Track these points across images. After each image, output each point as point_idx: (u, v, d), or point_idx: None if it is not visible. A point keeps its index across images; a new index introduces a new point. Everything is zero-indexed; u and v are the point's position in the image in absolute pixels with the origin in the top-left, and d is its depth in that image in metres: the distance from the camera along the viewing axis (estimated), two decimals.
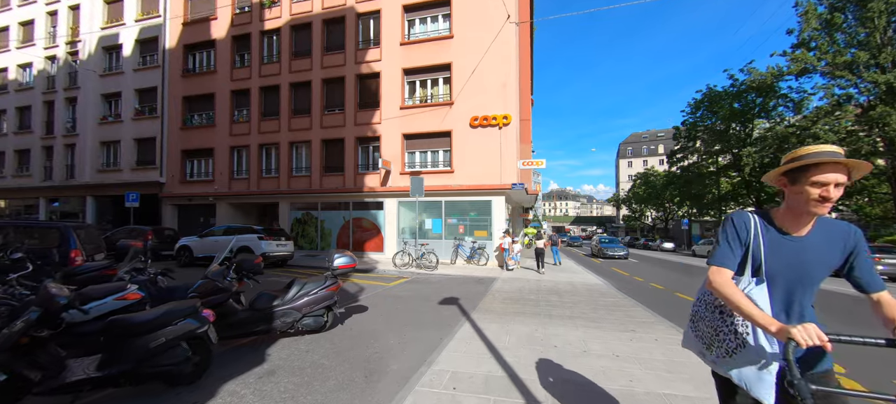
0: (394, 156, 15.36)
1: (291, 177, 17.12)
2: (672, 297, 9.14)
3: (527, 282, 10.44)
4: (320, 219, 16.66)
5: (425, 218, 15.12)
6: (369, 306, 7.09)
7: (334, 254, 5.27)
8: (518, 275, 12.09)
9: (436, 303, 7.38)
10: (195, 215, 18.93)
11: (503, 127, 14.01)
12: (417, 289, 9.25)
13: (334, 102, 16.67)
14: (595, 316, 6.25)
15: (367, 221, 15.96)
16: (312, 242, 16.69)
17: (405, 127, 15.28)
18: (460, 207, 14.72)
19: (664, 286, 11.09)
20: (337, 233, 16.36)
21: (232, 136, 18.11)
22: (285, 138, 17.15)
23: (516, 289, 9.27)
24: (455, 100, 14.62)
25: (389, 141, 15.47)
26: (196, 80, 18.97)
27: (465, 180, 14.31)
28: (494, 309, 6.81)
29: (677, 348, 4.56)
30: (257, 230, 12.29)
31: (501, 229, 13.98)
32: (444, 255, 14.38)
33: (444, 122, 14.75)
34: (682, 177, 39.23)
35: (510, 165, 13.94)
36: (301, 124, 16.95)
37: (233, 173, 18.24)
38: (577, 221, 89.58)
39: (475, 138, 14.34)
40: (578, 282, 10.64)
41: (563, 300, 7.77)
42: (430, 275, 11.87)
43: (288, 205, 17.17)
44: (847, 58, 22.39)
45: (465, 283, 10.24)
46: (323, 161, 16.71)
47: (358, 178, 15.99)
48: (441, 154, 15.16)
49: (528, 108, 19.17)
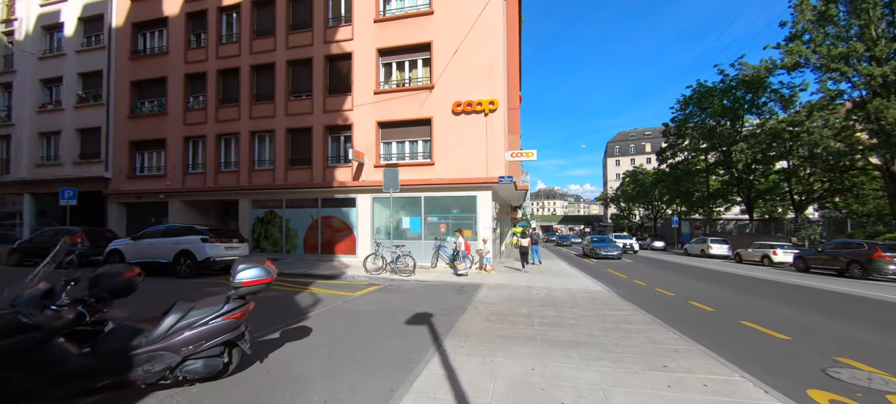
0: (367, 146, 13.67)
1: (253, 171, 15.23)
2: (689, 309, 7.75)
3: (516, 290, 8.92)
4: (285, 218, 14.83)
5: (402, 216, 13.49)
6: (315, 328, 5.46)
7: (239, 266, 3.60)
8: (505, 279, 10.58)
9: (402, 322, 5.77)
10: (145, 215, 16.83)
11: (489, 113, 12.49)
12: (385, 300, 7.63)
13: (301, 87, 14.87)
14: (608, 342, 4.75)
15: (337, 220, 14.23)
16: (277, 244, 14.86)
17: (380, 114, 13.61)
18: (442, 204, 13.15)
19: (672, 291, 9.73)
20: (304, 233, 14.56)
21: (186, 126, 16.10)
22: (246, 127, 15.26)
23: (504, 299, 7.73)
24: (435, 83, 13.04)
25: (362, 130, 13.78)
26: (146, 63, 16.86)
27: (447, 173, 12.75)
28: (476, 330, 5.24)
29: (741, 399, 3.08)
30: (201, 230, 10.44)
31: (487, 227, 12.47)
32: (423, 258, 12.79)
33: (424, 109, 13.15)
34: (671, 175, 38.61)
35: (497, 157, 12.44)
36: (264, 112, 15.09)
37: (187, 167, 16.23)
38: (565, 220, 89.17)
39: (458, 126, 12.79)
40: (577, 290, 9.18)
41: (563, 315, 6.27)
42: (405, 281, 10.26)
43: (249, 202, 15.28)
44: (842, 49, 21.71)
45: (444, 292, 8.67)
46: (288, 153, 14.89)
47: (327, 172, 14.25)
48: (420, 144, 13.55)
49: (516, 97, 17.74)
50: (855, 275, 13.40)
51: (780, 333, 5.60)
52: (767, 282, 12.00)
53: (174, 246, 10.30)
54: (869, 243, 13.92)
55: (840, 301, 8.76)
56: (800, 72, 25.40)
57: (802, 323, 6.44)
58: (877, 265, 12.88)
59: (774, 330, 5.73)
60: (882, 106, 20.13)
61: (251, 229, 15.17)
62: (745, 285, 11.29)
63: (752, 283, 11.72)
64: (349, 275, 11.07)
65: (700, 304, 7.95)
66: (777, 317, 6.79)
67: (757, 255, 19.96)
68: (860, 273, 13.27)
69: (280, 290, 8.81)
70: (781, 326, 6.01)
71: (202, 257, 10.07)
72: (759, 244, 20.54)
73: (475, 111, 12.57)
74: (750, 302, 8.46)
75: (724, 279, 12.77)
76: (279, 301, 7.56)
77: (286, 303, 7.39)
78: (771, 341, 5.27)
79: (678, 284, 11.21)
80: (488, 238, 12.36)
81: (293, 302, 7.45)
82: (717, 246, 24.23)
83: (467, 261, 11.61)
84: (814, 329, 6.04)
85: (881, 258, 12.88)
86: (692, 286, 10.90)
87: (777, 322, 6.37)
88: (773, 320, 6.50)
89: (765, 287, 11.00)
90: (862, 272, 13.23)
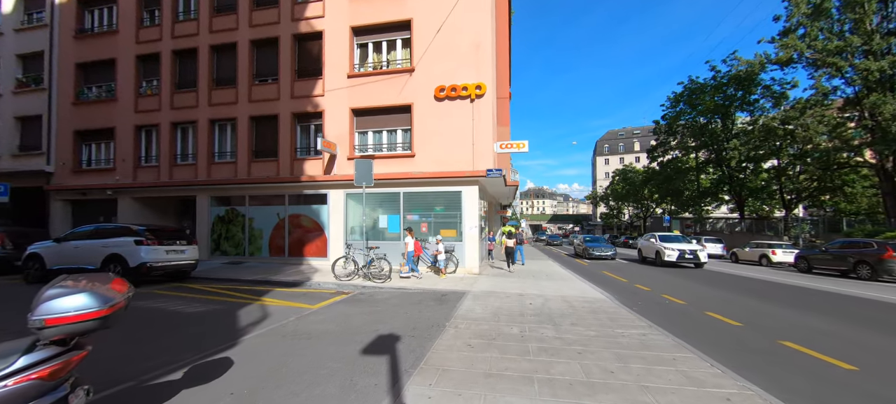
0: (340, 136, 12.22)
1: (213, 163, 13.60)
2: (711, 324, 6.58)
3: (505, 299, 7.63)
4: (248, 216, 13.25)
5: (379, 214, 12.08)
6: (239, 361, 4.07)
7: (46, 291, 2.16)
8: (493, 285, 9.28)
9: (358, 350, 4.41)
10: (92, 213, 15.00)
11: (476, 99, 11.19)
12: (347, 316, 6.25)
13: (266, 70, 13.31)
14: (632, 383, 3.47)
15: (307, 219, 12.73)
16: (239, 246, 13.26)
17: (355, 100, 12.17)
18: (423, 200, 11.79)
19: (683, 299, 8.59)
20: (269, 233, 13.01)
21: (138, 113, 14.34)
22: (205, 115, 13.61)
23: (492, 312, 6.42)
24: (416, 66, 11.67)
25: (335, 118, 12.32)
26: (93, 43, 15.02)
27: (429, 166, 11.40)
28: (453, 363, 3.92)
29: None
30: (136, 230, 8.84)
31: (473, 226, 11.17)
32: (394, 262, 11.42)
33: (403, 94, 11.77)
34: (661, 173, 38.07)
35: (485, 147, 11.15)
36: (225, 97, 13.47)
37: (139, 160, 14.48)
38: (554, 219, 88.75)
39: (441, 114, 11.45)
40: (575, 298, 7.94)
41: (565, 336, 4.99)
42: (377, 289, 8.89)
43: (208, 199, 13.63)
44: (838, 43, 21.15)
45: (420, 303, 7.33)
46: (252, 143, 13.31)
47: (296, 165, 12.73)
48: (399, 134, 12.16)
49: (505, 87, 16.48)
50: (863, 275, 12.59)
51: (842, 361, 4.43)
52: (779, 286, 11.00)
53: (103, 249, 8.69)
54: (878, 242, 13.12)
55: (876, 310, 7.73)
56: (792, 68, 24.91)
57: (857, 342, 5.31)
58: (888, 266, 12.07)
59: (831, 356, 4.57)
60: (879, 101, 19.61)
61: (210, 229, 13.54)
62: (758, 289, 10.25)
63: (764, 288, 10.70)
64: (315, 281, 9.64)
65: (720, 316, 6.78)
66: (822, 335, 5.65)
67: (754, 255, 19.19)
68: (869, 274, 12.46)
69: (224, 302, 7.36)
70: (838, 350, 4.84)
71: (136, 263, 8.48)
72: (757, 243, 19.79)
73: (460, 96, 11.25)
74: (774, 311, 7.35)
75: (731, 282, 11.76)
76: (213, 318, 6.12)
77: (220, 320, 5.95)
78: (837, 374, 4.09)
79: (685, 289, 10.10)
80: (472, 235, 11.08)
81: (231, 319, 6.01)
82: (711, 245, 23.48)
83: (443, 261, 10.39)
84: (879, 351, 4.90)
85: (893, 258, 12.08)
86: (701, 292, 9.79)
87: (826, 342, 5.22)
88: (819, 340, 5.35)
89: (779, 291, 9.98)
90: (871, 273, 12.43)
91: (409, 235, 10.23)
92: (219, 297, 7.86)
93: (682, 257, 15.90)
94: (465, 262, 11.15)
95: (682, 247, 16.22)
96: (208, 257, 13.41)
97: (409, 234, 10.25)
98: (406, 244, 10.22)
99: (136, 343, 4.73)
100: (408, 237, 10.21)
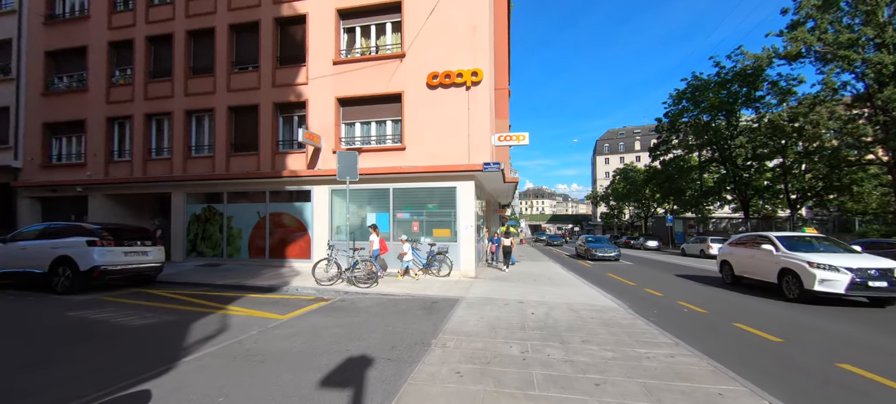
0: (325, 128, 11.28)
1: (189, 158, 12.64)
2: (745, 338, 5.68)
3: (504, 307, 6.70)
4: (227, 214, 12.30)
5: (368, 212, 11.15)
6: (159, 394, 3.15)
7: None
8: (490, 291, 8.35)
9: (317, 380, 3.49)
10: (63, 211, 14.03)
11: (472, 86, 10.26)
12: (318, 330, 5.32)
13: (246, 57, 12.36)
14: None
15: (289, 217, 11.78)
16: (216, 247, 12.30)
17: (341, 88, 11.24)
18: (414, 197, 10.87)
19: (703, 308, 7.68)
20: (249, 233, 12.07)
21: (110, 104, 13.38)
22: (181, 105, 12.65)
23: (488, 325, 5.50)
24: (407, 51, 10.74)
25: (319, 108, 11.38)
26: (64, 29, 14.04)
27: (421, 160, 10.47)
28: (436, 401, 2.99)
29: None
30: (90, 230, 7.87)
31: (468, 225, 10.24)
32: (392, 263, 10.51)
33: (393, 82, 10.84)
34: (663, 172, 37.21)
35: (481, 139, 10.22)
36: (202, 86, 12.51)
37: (111, 154, 13.51)
38: (554, 219, 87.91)
39: (434, 103, 10.53)
40: (582, 306, 7.02)
41: (575, 358, 4.06)
42: (361, 295, 7.96)
43: (183, 196, 12.67)
44: (851, 35, 20.30)
45: (406, 313, 6.41)
46: (231, 136, 12.37)
47: (277, 159, 11.79)
48: (389, 125, 11.23)
49: (504, 77, 15.56)
50: None
51: None
52: None
53: (51, 251, 7.72)
54: None
55: None
56: (799, 63, 24.05)
57: None
58: None
59: None
60: (894, 96, 18.78)
61: (186, 228, 12.58)
62: None
63: None
64: (294, 286, 8.70)
65: (754, 330, 5.87)
66: (884, 355, 4.75)
67: None
68: None
69: (182, 312, 6.44)
70: None
71: (87, 266, 7.52)
72: None
73: (455, 83, 10.32)
74: (813, 322, 6.44)
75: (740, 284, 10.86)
76: (159, 332, 5.19)
77: (167, 335, 5.02)
78: None
79: (702, 296, 9.20)
80: (468, 235, 10.15)
81: (180, 334, 5.07)
82: (717, 246, 22.56)
83: (409, 262, 9.69)
84: None
85: None
86: (720, 298, 8.89)
87: (891, 365, 4.32)
88: (881, 361, 4.44)
89: None
90: None
91: (373, 232, 9.54)
92: (179, 306, 6.92)
93: (865, 284, 7.08)
94: (459, 265, 10.23)
95: (856, 262, 7.34)
96: (184, 259, 12.46)
97: (373, 232, 9.55)
98: (371, 242, 9.49)
99: (41, 367, 3.79)
100: (372, 235, 9.52)
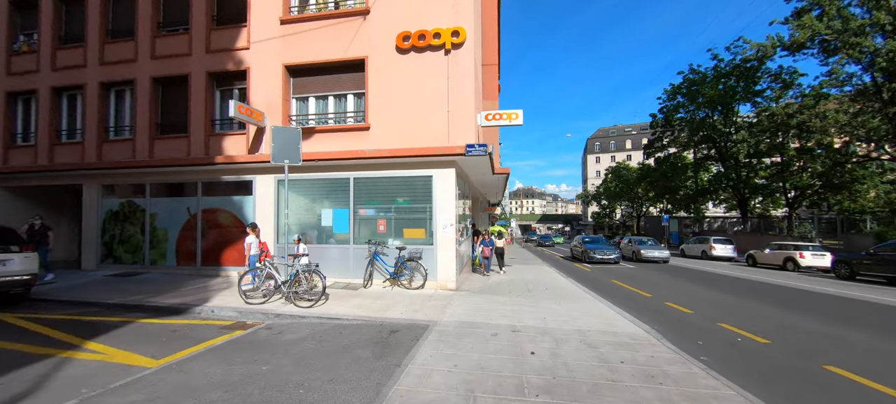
0: (271, 103, 9.04)
1: (105, 142, 10.23)
2: (840, 385, 3.70)
3: (489, 343, 4.62)
4: (150, 211, 9.94)
5: (323, 208, 8.94)
6: None
7: None
8: (475, 310, 6.27)
9: None
10: None
11: (453, 50, 8.17)
12: (186, 394, 3.13)
13: (175, 16, 10.01)
14: None
15: (226, 214, 9.49)
16: (137, 252, 9.92)
17: (291, 54, 9.01)
18: (381, 188, 8.72)
19: (761, 335, 5.74)
20: (177, 234, 9.72)
21: (11, 77, 10.86)
22: (95, 77, 10.23)
23: (464, 380, 3.41)
24: (372, 5, 8.58)
25: (264, 78, 9.13)
26: None
27: (389, 141, 8.33)
28: None
29: None
30: None
31: (448, 224, 8.15)
32: (354, 271, 8.37)
33: (356, 45, 8.67)
34: (657, 170, 35.82)
35: (464, 117, 8.13)
36: (121, 53, 10.12)
37: (12, 137, 10.99)
38: (544, 219, 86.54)
39: (406, 70, 8.40)
40: (599, 335, 4.99)
41: None
42: (297, 320, 5.82)
43: (97, 189, 10.26)
44: (863, 20, 18.95)
45: (346, 354, 4.30)
46: (156, 114, 10.01)
47: (212, 142, 9.49)
48: (350, 100, 9.05)
49: (493, 51, 13.50)
50: None
51: None
52: (867, 305, 8.31)
53: None
54: None
55: None
56: (802, 54, 22.69)
57: None
58: None
59: None
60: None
61: (101, 228, 10.17)
62: (851, 313, 7.52)
63: (853, 309, 7.99)
64: (211, 306, 6.48)
65: (867, 380, 3.91)
66: None
67: (777, 258, 16.69)
68: None
69: (8, 352, 4.20)
70: None
71: None
72: (779, 244, 17.31)
73: (431, 46, 8.21)
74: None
75: (784, 296, 9.06)
76: None
77: None
78: None
79: (742, 312, 7.30)
80: (447, 236, 8.04)
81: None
82: (720, 247, 21.01)
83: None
84: None
85: None
86: (772, 317, 6.99)
87: None
88: None
89: (870, 312, 7.27)
90: None
91: (251, 232, 7.57)
92: (13, 343, 4.69)
93: None
94: (436, 274, 8.12)
95: None
96: (97, 266, 10.05)
97: (252, 232, 7.58)
98: (247, 245, 7.46)
99: None
100: (250, 235, 7.55)
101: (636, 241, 19.82)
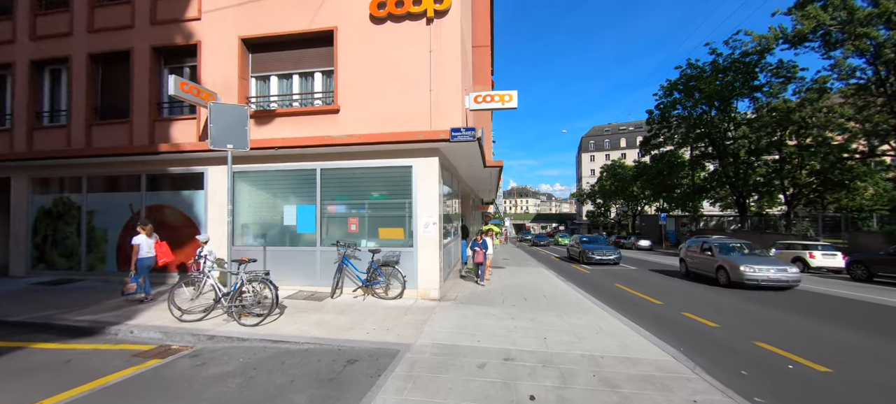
0: (226, 83, 7.76)
1: (36, 128, 8.85)
2: None
3: (474, 380, 3.44)
4: (87, 208, 8.59)
5: (286, 204, 7.69)
6: None
7: None
8: (456, 333, 5.10)
9: None
10: None
11: (436, 18, 6.98)
12: None
13: None
14: None
15: (174, 212, 8.19)
16: (73, 256, 8.57)
17: (248, 25, 7.75)
18: (352, 181, 7.50)
19: (817, 362, 4.66)
20: (118, 235, 8.39)
21: None
22: (25, 54, 8.85)
23: None
24: None
25: (217, 53, 7.85)
26: None
27: (362, 126, 7.12)
28: None
29: None
30: None
31: (430, 223, 6.96)
32: (321, 278, 7.16)
33: (323, 13, 7.43)
34: (653, 168, 35.02)
35: (450, 98, 6.95)
36: (54, 26, 8.75)
37: None
38: (538, 219, 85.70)
39: (382, 43, 7.19)
40: (616, 364, 3.85)
41: None
42: (236, 343, 4.63)
43: (27, 183, 8.88)
44: (872, 9, 18.17)
45: (276, 399, 3.07)
46: (94, 97, 8.66)
47: (158, 128, 8.18)
48: (318, 78, 7.81)
49: (485, 32, 12.29)
50: None
51: None
52: None
53: None
54: None
55: None
56: (804, 47, 21.91)
57: None
58: None
59: None
60: None
61: (31, 230, 8.79)
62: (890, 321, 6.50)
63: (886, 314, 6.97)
64: (138, 322, 5.24)
65: None
66: None
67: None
68: None
69: None
70: None
71: None
72: (786, 244, 16.44)
73: (411, 13, 7.01)
74: None
75: (811, 302, 8.05)
76: None
77: None
78: None
79: (766, 322, 6.25)
80: (429, 237, 6.86)
81: None
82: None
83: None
84: None
85: None
86: (797, 326, 5.94)
87: None
88: None
89: None
90: None
91: (142, 232, 6.34)
92: None
93: None
94: (416, 281, 6.92)
95: None
96: (26, 272, 8.69)
97: (142, 231, 6.35)
98: (135, 246, 6.19)
99: None
100: (140, 235, 6.31)
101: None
